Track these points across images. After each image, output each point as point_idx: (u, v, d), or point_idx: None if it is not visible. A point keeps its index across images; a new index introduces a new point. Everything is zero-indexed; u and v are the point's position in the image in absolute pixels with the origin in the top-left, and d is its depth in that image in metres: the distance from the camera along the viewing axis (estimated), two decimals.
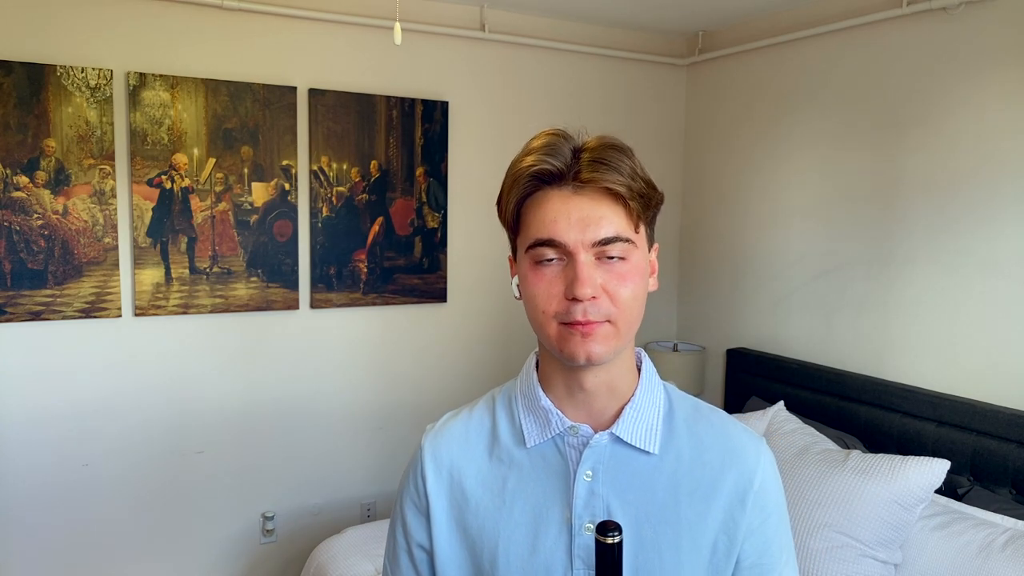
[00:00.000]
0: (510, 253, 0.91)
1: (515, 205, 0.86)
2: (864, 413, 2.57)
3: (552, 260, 0.82)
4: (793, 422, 2.56)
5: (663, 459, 0.88)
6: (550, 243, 0.82)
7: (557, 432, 0.88)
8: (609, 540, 0.76)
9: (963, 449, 2.27)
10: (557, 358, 0.86)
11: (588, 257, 0.81)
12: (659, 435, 0.88)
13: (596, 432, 0.87)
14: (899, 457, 2.17)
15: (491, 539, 0.87)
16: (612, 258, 0.81)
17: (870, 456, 2.21)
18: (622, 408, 0.88)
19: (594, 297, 0.80)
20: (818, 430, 2.53)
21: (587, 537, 0.85)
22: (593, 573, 0.84)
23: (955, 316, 2.41)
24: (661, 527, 0.85)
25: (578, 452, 0.87)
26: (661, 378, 0.95)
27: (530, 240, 0.83)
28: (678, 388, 0.97)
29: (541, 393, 0.89)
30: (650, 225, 0.87)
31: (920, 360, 2.51)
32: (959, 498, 2.22)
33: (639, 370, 0.91)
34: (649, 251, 0.88)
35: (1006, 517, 2.03)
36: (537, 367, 0.93)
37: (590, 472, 0.86)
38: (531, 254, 0.84)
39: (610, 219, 0.81)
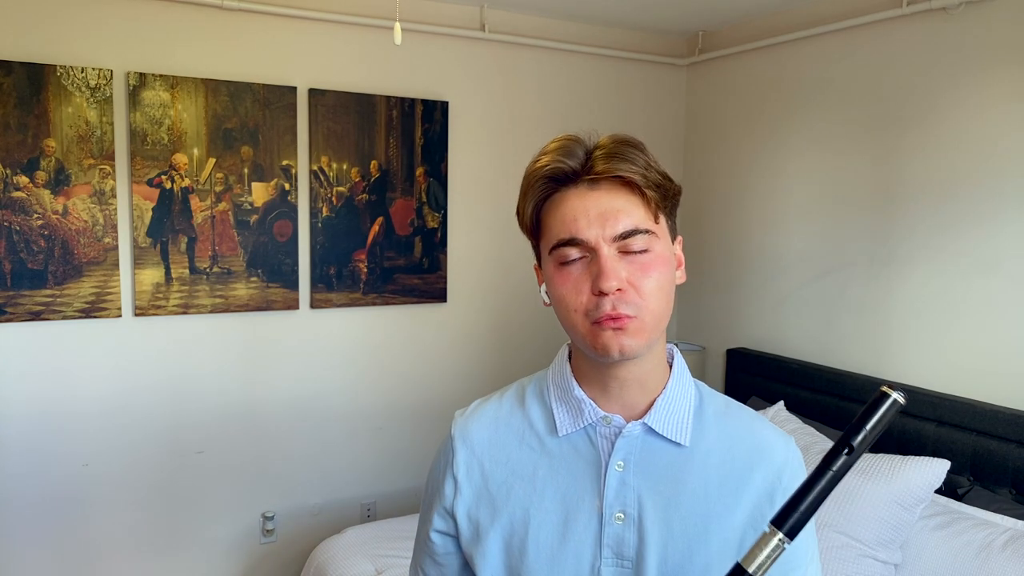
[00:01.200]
0: (535, 262, 0.92)
1: (533, 210, 0.87)
2: None
3: (576, 259, 0.83)
4: (793, 422, 2.56)
5: (694, 452, 0.88)
6: (572, 242, 0.82)
7: (590, 422, 0.89)
8: (896, 395, 0.70)
9: (963, 449, 2.27)
10: (591, 356, 0.86)
11: (611, 251, 0.81)
12: (690, 428, 0.89)
13: (630, 422, 0.88)
14: (899, 457, 2.17)
15: (521, 525, 0.88)
16: (635, 252, 0.82)
17: (870, 456, 2.21)
18: (654, 401, 0.88)
19: (620, 290, 0.81)
20: (818, 430, 2.53)
21: (617, 527, 0.86)
22: (621, 562, 0.85)
23: (955, 316, 2.41)
24: (691, 519, 0.86)
25: (610, 442, 0.88)
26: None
27: (552, 242, 0.84)
28: (705, 384, 0.97)
29: (575, 384, 0.90)
30: (671, 217, 0.88)
31: (920, 360, 2.51)
32: (959, 498, 2.22)
33: (671, 366, 0.92)
34: (673, 243, 0.88)
35: (1006, 517, 2.03)
36: (570, 358, 0.93)
37: (622, 462, 0.87)
38: (555, 255, 0.84)
39: (628, 211, 0.82)
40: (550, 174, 0.84)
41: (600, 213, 0.81)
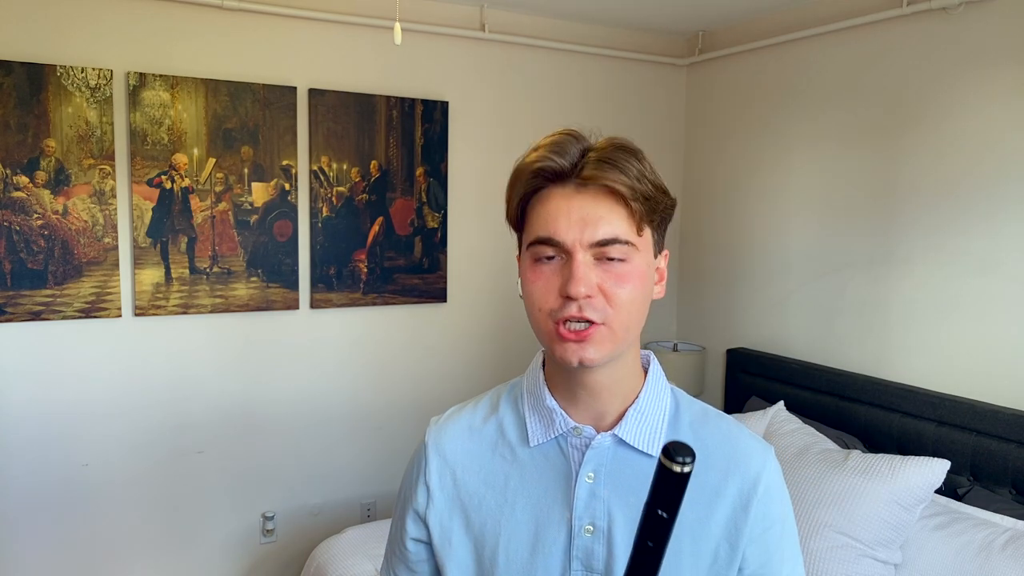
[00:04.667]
0: (517, 252, 0.91)
1: (519, 202, 0.86)
2: (864, 413, 2.56)
3: (552, 258, 0.82)
4: (793, 422, 2.56)
5: None
6: (549, 241, 0.81)
7: (561, 432, 0.87)
8: (677, 468, 0.63)
9: (963, 449, 2.27)
10: (551, 359, 0.86)
11: (586, 257, 0.80)
12: (663, 438, 0.87)
13: (599, 433, 0.86)
14: (899, 457, 2.17)
15: (492, 536, 0.87)
16: (612, 259, 0.80)
17: (870, 456, 2.21)
18: (626, 410, 0.87)
19: (589, 296, 0.79)
20: (818, 430, 2.53)
21: (586, 539, 0.85)
22: (590, 574, 0.84)
23: (955, 316, 2.41)
24: None
25: (581, 453, 0.86)
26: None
27: (531, 237, 0.83)
28: (683, 391, 0.95)
29: (547, 393, 0.89)
30: (658, 230, 0.86)
31: (920, 360, 2.51)
32: (959, 498, 2.22)
33: (647, 372, 0.91)
34: (656, 257, 0.86)
35: (1006, 517, 2.03)
36: (544, 366, 0.92)
37: (592, 474, 0.85)
38: (531, 251, 0.84)
39: (609, 220, 0.80)
40: (539, 170, 0.83)
41: (581, 217, 0.80)
